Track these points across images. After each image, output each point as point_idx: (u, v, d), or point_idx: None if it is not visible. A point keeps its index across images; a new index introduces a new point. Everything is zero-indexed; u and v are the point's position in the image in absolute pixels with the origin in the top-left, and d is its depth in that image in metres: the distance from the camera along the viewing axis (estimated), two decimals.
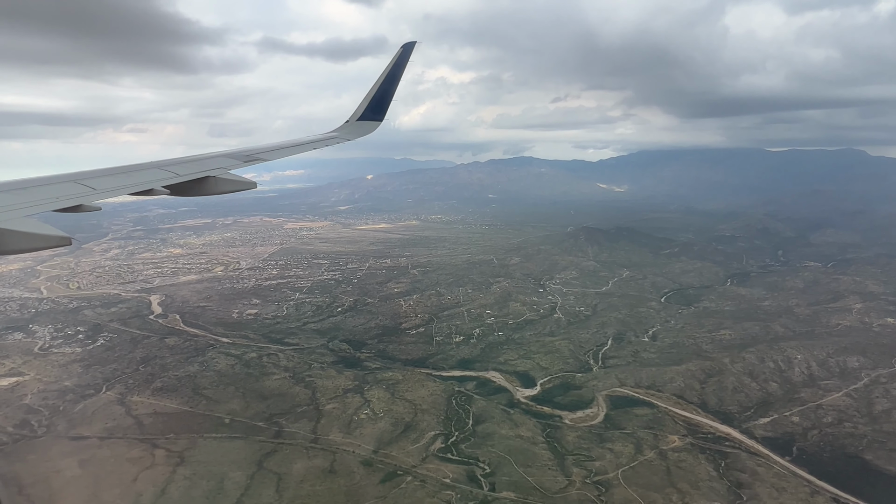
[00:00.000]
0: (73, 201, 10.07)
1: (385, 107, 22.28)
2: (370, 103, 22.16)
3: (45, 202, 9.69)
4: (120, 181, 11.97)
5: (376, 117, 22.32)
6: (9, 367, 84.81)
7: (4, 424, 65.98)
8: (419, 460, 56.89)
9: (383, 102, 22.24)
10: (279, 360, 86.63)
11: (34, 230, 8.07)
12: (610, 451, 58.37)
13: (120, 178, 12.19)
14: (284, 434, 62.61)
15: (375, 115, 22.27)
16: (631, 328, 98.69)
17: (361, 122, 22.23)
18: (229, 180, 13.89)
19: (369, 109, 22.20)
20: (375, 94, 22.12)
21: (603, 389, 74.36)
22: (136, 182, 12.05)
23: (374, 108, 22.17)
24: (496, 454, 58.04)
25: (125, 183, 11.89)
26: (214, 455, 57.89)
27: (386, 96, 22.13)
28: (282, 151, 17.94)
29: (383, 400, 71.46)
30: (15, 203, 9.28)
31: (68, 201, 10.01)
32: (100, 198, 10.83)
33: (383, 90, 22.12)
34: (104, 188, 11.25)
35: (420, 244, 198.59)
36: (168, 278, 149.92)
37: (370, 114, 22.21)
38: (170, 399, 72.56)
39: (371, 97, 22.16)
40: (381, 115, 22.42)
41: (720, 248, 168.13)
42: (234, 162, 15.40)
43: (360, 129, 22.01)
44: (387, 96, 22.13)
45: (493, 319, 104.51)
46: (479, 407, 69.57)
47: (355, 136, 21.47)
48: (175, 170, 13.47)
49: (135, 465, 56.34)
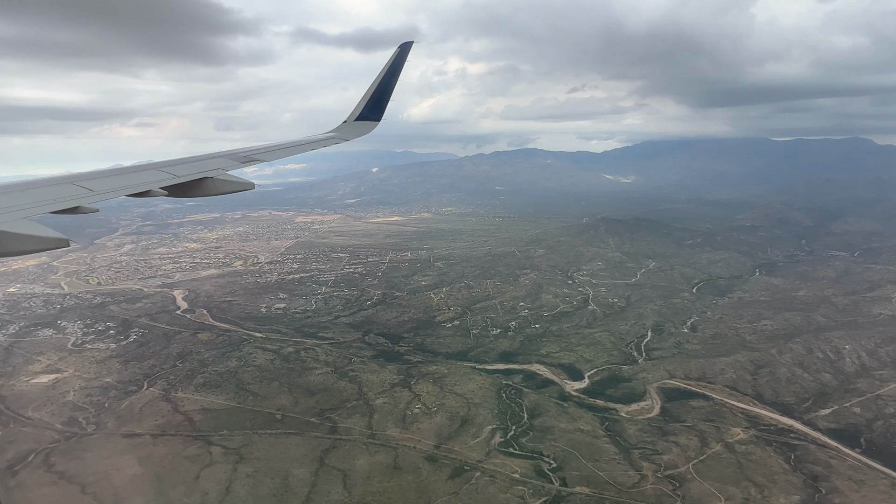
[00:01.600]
0: (70, 203, 9.93)
1: (383, 106, 22.04)
2: (368, 103, 21.89)
3: (42, 204, 9.54)
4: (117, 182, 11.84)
5: (374, 117, 22.12)
6: (45, 363, 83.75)
7: (52, 422, 64.97)
8: (483, 455, 55.94)
9: (381, 102, 21.98)
10: (318, 355, 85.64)
11: (32, 232, 7.99)
12: (675, 445, 57.45)
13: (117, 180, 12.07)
14: (340, 430, 61.61)
15: (373, 114, 22.07)
16: (668, 319, 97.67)
17: (359, 122, 21.99)
18: (227, 181, 13.75)
19: (367, 109, 21.96)
20: (373, 94, 21.83)
21: (653, 382, 73.42)
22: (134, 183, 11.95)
23: (371, 108, 21.94)
24: (560, 448, 57.09)
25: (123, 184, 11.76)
26: (273, 452, 56.89)
27: (384, 96, 21.88)
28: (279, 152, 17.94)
29: (433, 394, 70.47)
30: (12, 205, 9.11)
31: (65, 203, 9.86)
32: (97, 199, 10.67)
33: (381, 90, 21.83)
34: (101, 189, 11.08)
35: (437, 237, 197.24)
36: (188, 273, 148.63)
37: (368, 113, 22.00)
38: (215, 395, 71.54)
39: (369, 97, 21.87)
40: (379, 115, 22.23)
41: (742, 238, 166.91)
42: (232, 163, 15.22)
43: (357, 130, 21.81)
44: (384, 96, 21.88)
45: (528, 312, 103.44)
46: (532, 401, 68.60)
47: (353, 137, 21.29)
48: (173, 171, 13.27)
49: (194, 462, 55.36)
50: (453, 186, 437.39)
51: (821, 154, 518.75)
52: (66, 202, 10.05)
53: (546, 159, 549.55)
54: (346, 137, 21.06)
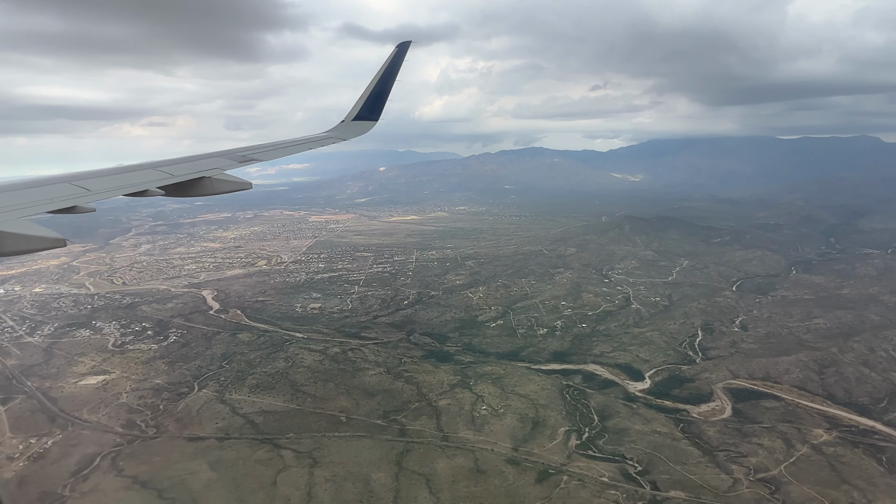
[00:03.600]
0: (67, 202, 9.83)
1: (380, 106, 21.65)
2: (365, 103, 21.49)
3: (39, 204, 9.45)
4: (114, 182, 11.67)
5: (372, 117, 21.69)
6: (89, 364, 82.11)
7: (111, 424, 63.36)
8: (564, 458, 54.38)
9: (379, 102, 21.59)
10: (366, 356, 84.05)
11: (29, 232, 7.87)
12: (759, 447, 55.94)
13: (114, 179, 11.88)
14: (409, 432, 60.01)
15: (371, 114, 21.65)
16: (716, 318, 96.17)
17: (357, 121, 21.56)
18: (224, 181, 13.44)
19: (365, 109, 21.56)
20: (371, 95, 21.45)
21: (717, 382, 71.91)
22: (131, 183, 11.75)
23: (369, 108, 21.56)
24: (641, 451, 55.57)
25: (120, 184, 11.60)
26: (346, 455, 55.30)
27: (381, 96, 21.51)
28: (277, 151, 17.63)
29: (495, 395, 68.92)
30: (9, 205, 9.03)
31: (63, 203, 9.77)
32: (94, 199, 10.50)
33: (378, 90, 21.42)
34: (98, 189, 10.92)
35: (458, 236, 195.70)
36: (213, 273, 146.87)
37: (366, 113, 21.61)
38: (272, 397, 69.90)
39: (366, 97, 21.49)
40: (377, 115, 21.80)
41: (769, 237, 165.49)
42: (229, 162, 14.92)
43: (355, 129, 21.38)
44: (382, 96, 21.52)
45: (571, 311, 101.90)
46: (598, 402, 67.07)
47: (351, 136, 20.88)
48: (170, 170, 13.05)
49: (267, 466, 53.76)
50: (461, 185, 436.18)
51: (828, 152, 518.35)
52: (63, 202, 9.86)
53: (553, 158, 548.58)
54: (343, 137, 20.63)
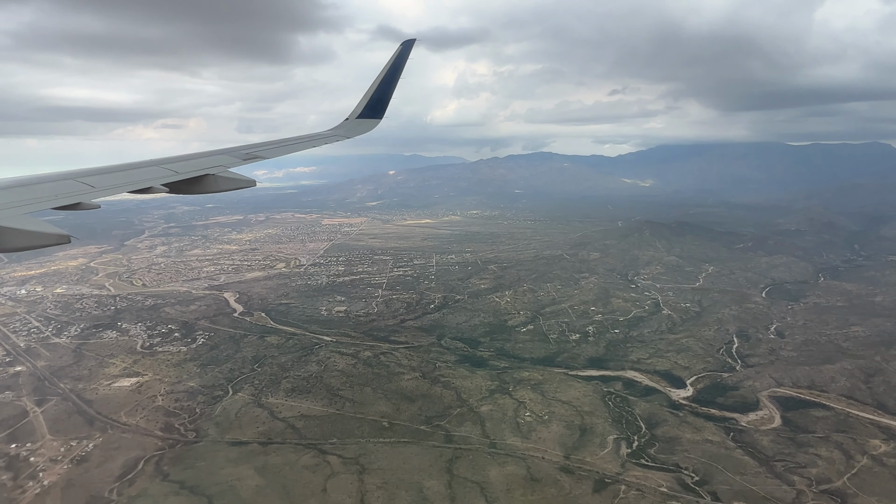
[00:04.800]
0: (72, 199, 9.90)
1: (384, 105, 21.71)
2: (369, 101, 21.51)
3: (44, 200, 9.55)
4: (118, 179, 11.75)
5: (375, 115, 21.72)
6: (121, 366, 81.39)
7: (150, 428, 62.52)
8: (619, 467, 53.15)
9: (382, 101, 21.61)
10: (398, 359, 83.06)
11: (34, 228, 7.89)
12: (817, 458, 54.56)
13: (119, 176, 11.97)
14: (455, 438, 58.89)
15: (374, 113, 21.67)
16: (750, 325, 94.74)
17: (360, 119, 21.56)
18: (228, 178, 13.50)
19: (368, 107, 21.59)
20: (374, 93, 21.44)
21: (761, 390, 70.53)
22: (135, 180, 11.84)
23: (373, 107, 21.57)
24: (696, 460, 54.26)
25: (124, 181, 11.71)
26: (395, 462, 54.21)
27: (385, 94, 21.54)
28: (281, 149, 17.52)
29: (537, 401, 67.76)
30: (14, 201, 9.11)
31: (67, 199, 9.85)
32: (99, 196, 10.58)
33: (382, 88, 21.44)
34: (103, 186, 10.99)
35: (475, 240, 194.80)
36: (232, 275, 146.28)
37: (369, 112, 21.61)
38: (309, 401, 68.96)
39: (370, 95, 21.48)
40: (381, 114, 21.86)
41: (793, 243, 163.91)
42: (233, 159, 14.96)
43: (359, 127, 21.34)
44: (386, 94, 21.56)
45: (602, 317, 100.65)
46: (643, 409, 65.80)
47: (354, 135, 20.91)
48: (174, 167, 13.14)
49: (314, 472, 52.74)
50: (471, 189, 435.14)
51: (839, 158, 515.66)
52: (67, 198, 9.92)
53: (562, 163, 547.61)
54: (347, 135, 20.63)
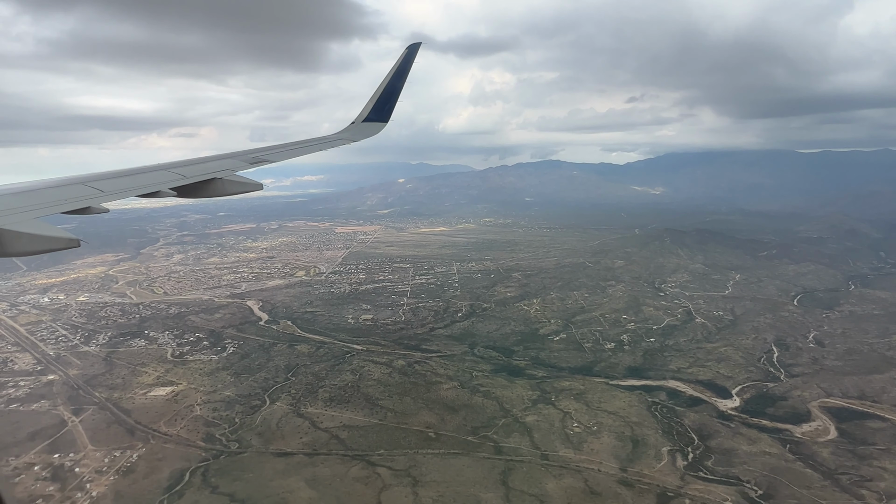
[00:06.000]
0: (80, 203, 9.97)
1: (390, 108, 22.27)
2: (375, 104, 21.99)
3: (53, 204, 9.62)
4: (127, 183, 11.87)
5: (382, 119, 22.19)
6: (153, 375, 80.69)
7: (192, 438, 61.60)
8: (678, 480, 51.75)
9: (388, 104, 22.13)
10: (434, 368, 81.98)
11: (43, 232, 7.91)
12: (883, 471, 52.98)
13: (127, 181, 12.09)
14: (505, 449, 57.64)
15: (381, 116, 22.13)
16: (787, 333, 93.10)
17: (367, 123, 22.00)
18: (235, 182, 13.70)
19: (374, 111, 22.01)
20: (381, 96, 21.95)
21: (811, 400, 68.94)
22: (144, 184, 11.98)
23: (379, 110, 22.03)
24: (757, 473, 52.79)
25: (132, 185, 11.82)
26: (447, 474, 52.99)
27: (391, 98, 22.10)
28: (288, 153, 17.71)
29: (582, 412, 66.42)
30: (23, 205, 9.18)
31: (76, 203, 9.93)
32: (107, 200, 10.63)
33: (388, 91, 21.98)
34: (112, 190, 11.10)
35: (493, 247, 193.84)
36: (253, 283, 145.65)
37: (375, 115, 22.04)
38: (350, 411, 67.88)
39: (376, 99, 22.00)
40: (387, 117, 22.35)
41: (817, 250, 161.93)
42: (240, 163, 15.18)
43: (365, 131, 21.73)
44: (392, 98, 22.11)
45: (635, 325, 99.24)
46: (692, 420, 64.34)
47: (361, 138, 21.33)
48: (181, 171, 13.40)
49: (366, 485, 51.60)
50: (481, 197, 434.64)
51: (850, 166, 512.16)
52: (76, 202, 9.95)
53: (572, 171, 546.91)
54: (354, 138, 20.99)
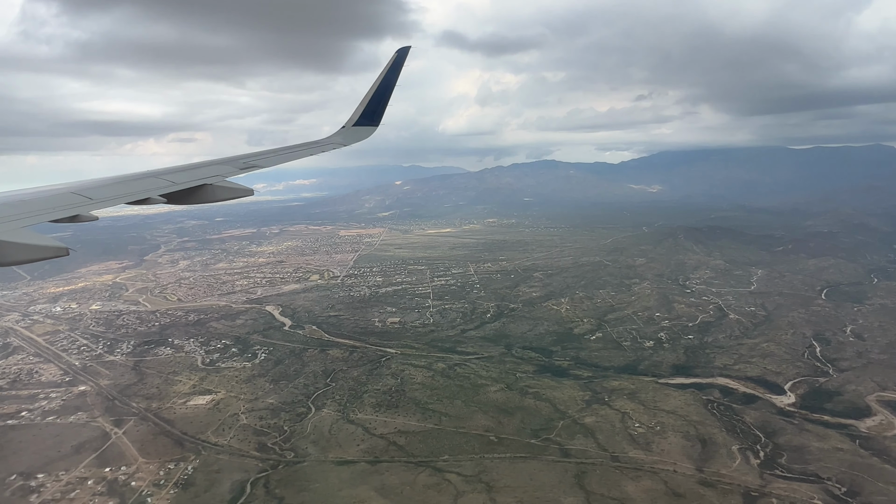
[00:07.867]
0: (69, 211, 9.97)
1: (380, 112, 22.33)
2: (365, 109, 22.05)
3: (41, 213, 9.55)
4: (116, 190, 11.85)
5: (372, 123, 22.29)
6: (189, 384, 78.24)
7: (244, 448, 59.40)
8: (758, 479, 50.59)
9: (378, 108, 22.18)
10: (476, 370, 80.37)
11: (31, 241, 7.85)
12: None
13: (116, 188, 12.08)
14: (572, 452, 56.16)
15: (371, 120, 22.22)
16: (824, 328, 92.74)
17: (358, 127, 22.08)
18: (226, 187, 13.78)
19: (365, 115, 22.07)
20: (371, 100, 21.97)
21: (867, 394, 68.33)
22: (133, 191, 12.02)
23: (369, 114, 22.11)
24: (835, 469, 51.83)
25: (122, 192, 11.83)
26: (520, 479, 51.39)
27: (381, 102, 22.13)
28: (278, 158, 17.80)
29: (640, 412, 65.16)
30: (11, 214, 9.08)
31: (65, 211, 9.92)
32: (96, 207, 10.61)
33: (378, 96, 21.98)
34: (101, 198, 11.05)
35: (503, 248, 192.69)
36: (268, 288, 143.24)
37: (366, 119, 22.10)
38: (401, 416, 66.02)
39: (366, 103, 22.02)
40: (377, 121, 22.44)
41: (832, 244, 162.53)
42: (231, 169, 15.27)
43: (356, 135, 21.84)
44: (382, 102, 22.14)
45: (669, 322, 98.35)
46: (753, 417, 63.33)
47: (351, 142, 21.41)
48: (171, 178, 13.45)
49: (440, 492, 49.85)
50: (480, 199, 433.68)
51: (841, 161, 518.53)
52: (64, 210, 9.92)
53: (568, 171, 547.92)
54: (344, 142, 21.07)
